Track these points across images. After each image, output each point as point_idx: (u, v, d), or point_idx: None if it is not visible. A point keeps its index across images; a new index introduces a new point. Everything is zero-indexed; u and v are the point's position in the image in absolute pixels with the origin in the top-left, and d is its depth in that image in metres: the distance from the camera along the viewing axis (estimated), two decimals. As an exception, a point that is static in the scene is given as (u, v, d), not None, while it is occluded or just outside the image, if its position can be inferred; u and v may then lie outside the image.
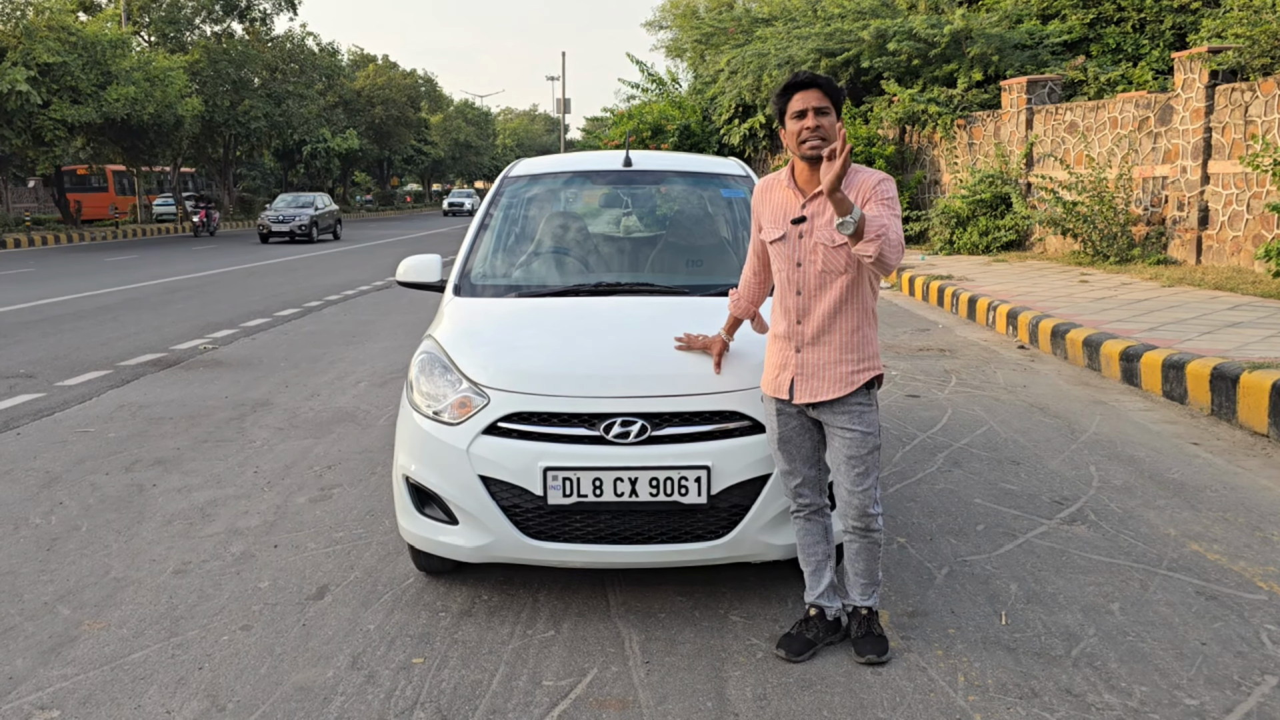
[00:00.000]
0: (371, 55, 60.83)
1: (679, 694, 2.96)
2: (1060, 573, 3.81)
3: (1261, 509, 4.51)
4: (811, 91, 3.03)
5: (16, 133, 26.75)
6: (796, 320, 3.13)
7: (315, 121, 44.75)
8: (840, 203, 2.81)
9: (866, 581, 3.22)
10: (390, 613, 3.54)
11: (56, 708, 2.93)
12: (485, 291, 4.29)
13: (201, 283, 16.03)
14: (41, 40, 25.86)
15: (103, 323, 11.20)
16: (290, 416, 6.58)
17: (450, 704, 2.92)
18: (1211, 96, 11.73)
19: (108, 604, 3.65)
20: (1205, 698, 2.90)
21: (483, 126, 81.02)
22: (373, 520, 4.51)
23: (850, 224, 2.82)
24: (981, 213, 15.84)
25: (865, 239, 2.85)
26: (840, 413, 3.10)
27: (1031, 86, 15.71)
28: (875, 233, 2.84)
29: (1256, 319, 8.17)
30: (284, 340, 9.99)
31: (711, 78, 25.92)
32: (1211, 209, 11.85)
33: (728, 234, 4.65)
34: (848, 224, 2.82)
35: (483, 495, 3.28)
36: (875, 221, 2.86)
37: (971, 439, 5.72)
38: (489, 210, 4.76)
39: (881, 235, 2.85)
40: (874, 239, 2.85)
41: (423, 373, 3.62)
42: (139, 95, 28.23)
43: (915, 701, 2.90)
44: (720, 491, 3.24)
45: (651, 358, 3.47)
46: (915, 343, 9.11)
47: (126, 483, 5.16)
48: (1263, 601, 3.54)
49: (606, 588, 3.70)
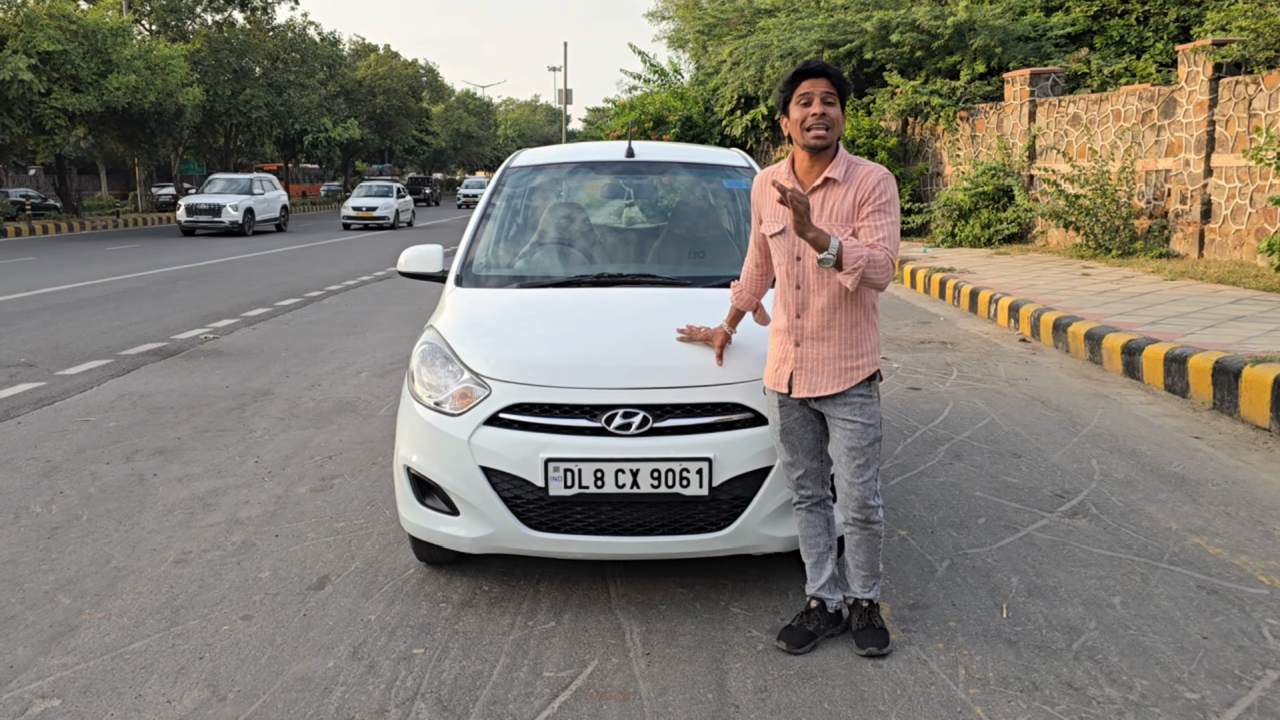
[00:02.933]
0: (373, 45, 60.72)
1: (680, 685, 2.96)
2: (1061, 566, 3.81)
3: (1263, 503, 4.50)
4: (820, 80, 3.02)
5: (17, 121, 26.69)
6: (796, 314, 3.12)
7: (316, 111, 44.66)
8: (815, 241, 2.84)
9: (867, 574, 3.22)
10: (391, 603, 3.54)
11: (57, 696, 2.93)
12: (487, 282, 4.28)
13: (202, 272, 16.01)
14: (42, 28, 25.78)
15: (103, 312, 11.19)
16: (291, 406, 6.58)
17: (451, 694, 2.92)
18: (1215, 89, 11.69)
19: (108, 593, 3.65)
20: (1206, 691, 2.90)
21: (484, 117, 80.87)
22: (374, 511, 4.51)
23: (830, 259, 2.85)
24: (984, 205, 15.80)
25: (845, 270, 2.89)
26: (841, 405, 3.10)
27: (1035, 79, 15.66)
28: (853, 265, 2.88)
29: (1259, 313, 8.16)
30: (285, 330, 9.98)
31: (714, 69, 25.86)
32: (1214, 202, 11.82)
33: (730, 225, 4.64)
34: (827, 260, 2.85)
35: (484, 486, 3.27)
36: (853, 253, 2.88)
37: (973, 432, 5.71)
38: (491, 200, 4.75)
39: (859, 268, 2.88)
40: (852, 271, 2.89)
41: (424, 363, 3.62)
42: (140, 84, 28.15)
43: (916, 694, 2.90)
44: (722, 483, 3.23)
45: (653, 349, 3.46)
46: (917, 335, 9.09)
47: (127, 472, 5.16)
48: (1264, 596, 3.54)
49: (607, 579, 3.70)
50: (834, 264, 2.86)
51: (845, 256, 2.86)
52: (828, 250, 2.83)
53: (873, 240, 2.97)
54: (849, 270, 2.88)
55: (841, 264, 2.86)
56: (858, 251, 2.88)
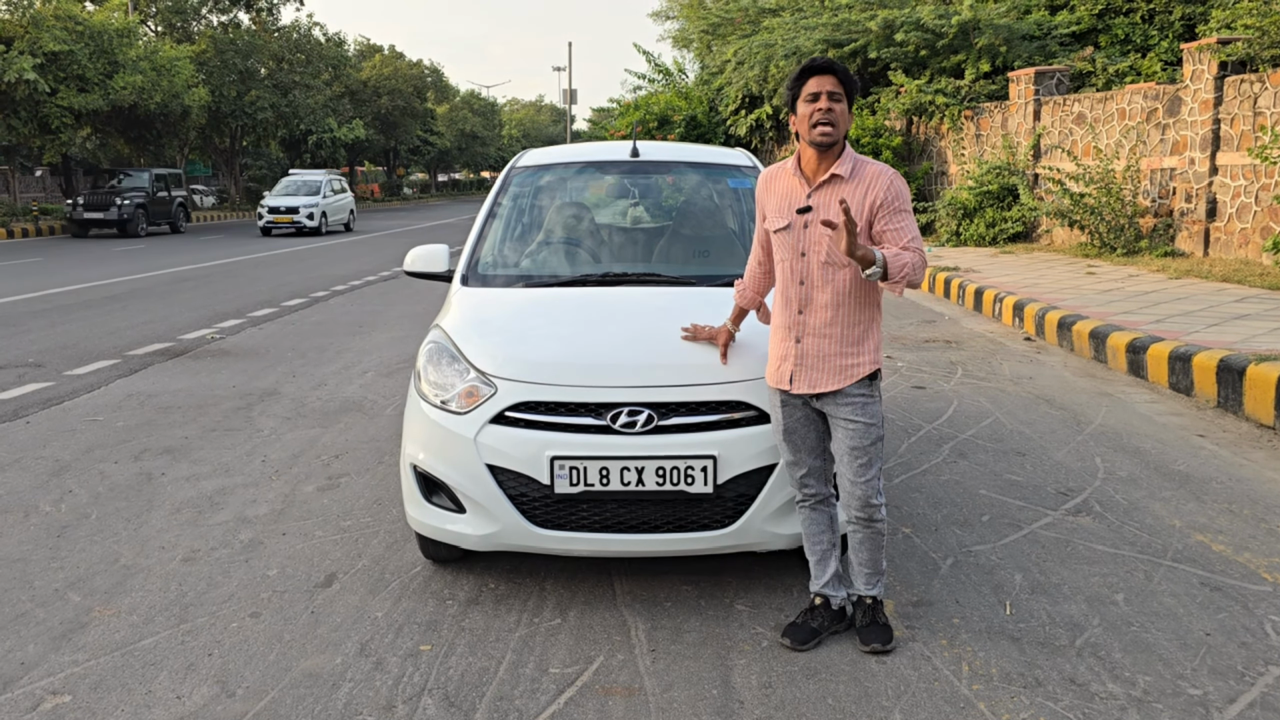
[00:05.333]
0: (378, 45, 60.76)
1: (684, 682, 2.98)
2: (1065, 563, 3.82)
3: (1267, 501, 4.51)
4: (827, 77, 3.03)
5: (23, 121, 26.78)
6: (798, 310, 3.14)
7: (321, 111, 44.72)
8: (863, 259, 2.86)
9: (871, 571, 3.24)
10: (398, 600, 3.56)
11: (68, 693, 2.96)
12: (492, 281, 4.30)
13: (208, 272, 16.06)
14: (48, 29, 25.87)
15: (110, 312, 11.24)
16: (298, 406, 6.61)
17: (457, 691, 2.94)
18: (1220, 88, 11.67)
19: (118, 591, 3.68)
20: (1209, 687, 2.92)
21: (489, 117, 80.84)
22: (380, 509, 4.54)
23: (878, 272, 2.87)
24: (988, 204, 15.80)
25: (891, 280, 2.92)
26: (843, 404, 3.11)
27: (1039, 78, 15.65)
28: (899, 274, 2.91)
29: (1263, 311, 8.15)
30: (291, 330, 10.01)
31: (718, 68, 25.85)
32: (1219, 201, 11.80)
33: (734, 225, 4.65)
34: (875, 274, 2.88)
35: (490, 484, 3.29)
36: (897, 261, 2.91)
37: (977, 430, 5.72)
38: (496, 200, 4.77)
39: (905, 275, 2.92)
40: (899, 280, 2.92)
41: (430, 362, 3.64)
42: (146, 84, 28.23)
43: (920, 690, 2.92)
44: (726, 481, 3.25)
45: (658, 348, 3.48)
46: (921, 334, 9.10)
47: (135, 471, 5.19)
48: (1267, 593, 3.54)
49: (613, 576, 3.72)
50: (881, 276, 2.89)
51: (891, 266, 2.89)
52: (875, 264, 2.86)
53: (904, 242, 3.00)
54: (895, 280, 2.91)
55: (888, 275, 2.90)
56: (901, 259, 2.91)
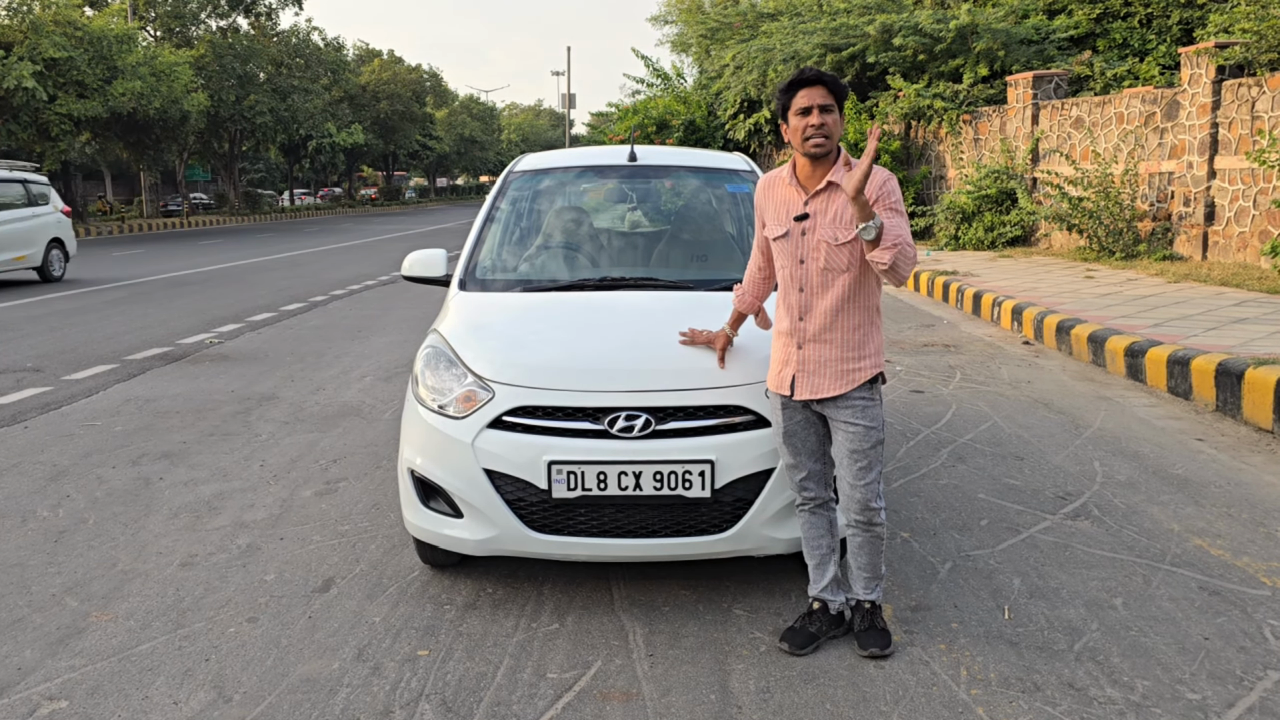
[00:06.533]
0: (377, 50, 60.97)
1: (682, 686, 2.97)
2: (1063, 568, 3.82)
3: (1265, 505, 4.51)
4: (816, 88, 3.04)
5: (23, 127, 26.81)
6: (799, 317, 3.14)
7: (320, 116, 44.81)
8: (864, 207, 2.85)
9: (869, 575, 3.23)
10: (395, 605, 3.55)
11: (65, 698, 2.96)
12: (490, 286, 4.31)
13: (206, 277, 16.05)
14: (48, 35, 25.91)
15: (108, 317, 11.23)
16: (296, 410, 6.61)
17: (455, 696, 2.94)
18: (1218, 92, 11.69)
19: (115, 596, 3.67)
20: (1207, 692, 2.91)
21: (488, 121, 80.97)
22: (378, 514, 4.53)
23: (872, 229, 2.86)
24: (987, 208, 15.81)
25: (882, 246, 2.90)
26: (844, 408, 3.11)
27: (1037, 82, 15.67)
28: (892, 241, 2.90)
29: (1262, 315, 8.15)
30: (289, 334, 10.01)
31: (717, 73, 25.87)
32: (1218, 205, 11.82)
33: (732, 229, 4.66)
34: (869, 229, 2.86)
35: (487, 489, 3.29)
36: (893, 230, 2.91)
37: (975, 434, 5.72)
38: (494, 204, 4.77)
39: (898, 245, 2.91)
40: (890, 247, 2.90)
41: (428, 367, 3.64)
42: (145, 90, 28.28)
43: (918, 695, 2.91)
44: (724, 485, 3.25)
45: (656, 352, 3.48)
46: (920, 338, 9.10)
47: (133, 476, 5.18)
48: (1266, 597, 3.54)
49: (610, 581, 3.72)
50: (874, 237, 2.87)
51: (885, 232, 2.89)
52: (870, 222, 2.85)
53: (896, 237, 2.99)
54: (886, 246, 2.89)
55: (880, 239, 2.89)
56: (896, 231, 2.92)
